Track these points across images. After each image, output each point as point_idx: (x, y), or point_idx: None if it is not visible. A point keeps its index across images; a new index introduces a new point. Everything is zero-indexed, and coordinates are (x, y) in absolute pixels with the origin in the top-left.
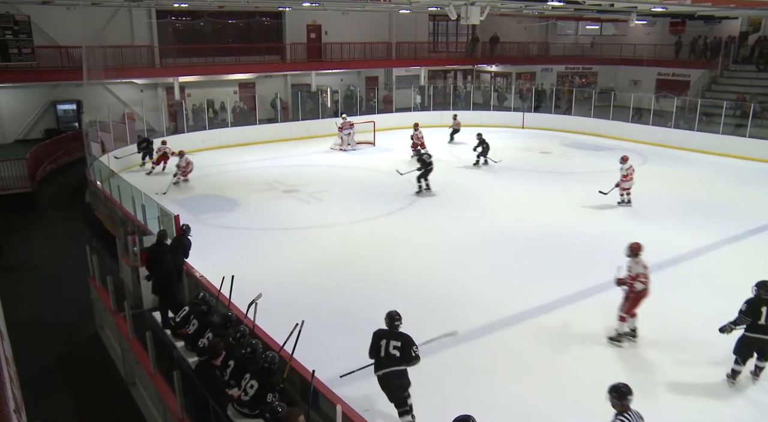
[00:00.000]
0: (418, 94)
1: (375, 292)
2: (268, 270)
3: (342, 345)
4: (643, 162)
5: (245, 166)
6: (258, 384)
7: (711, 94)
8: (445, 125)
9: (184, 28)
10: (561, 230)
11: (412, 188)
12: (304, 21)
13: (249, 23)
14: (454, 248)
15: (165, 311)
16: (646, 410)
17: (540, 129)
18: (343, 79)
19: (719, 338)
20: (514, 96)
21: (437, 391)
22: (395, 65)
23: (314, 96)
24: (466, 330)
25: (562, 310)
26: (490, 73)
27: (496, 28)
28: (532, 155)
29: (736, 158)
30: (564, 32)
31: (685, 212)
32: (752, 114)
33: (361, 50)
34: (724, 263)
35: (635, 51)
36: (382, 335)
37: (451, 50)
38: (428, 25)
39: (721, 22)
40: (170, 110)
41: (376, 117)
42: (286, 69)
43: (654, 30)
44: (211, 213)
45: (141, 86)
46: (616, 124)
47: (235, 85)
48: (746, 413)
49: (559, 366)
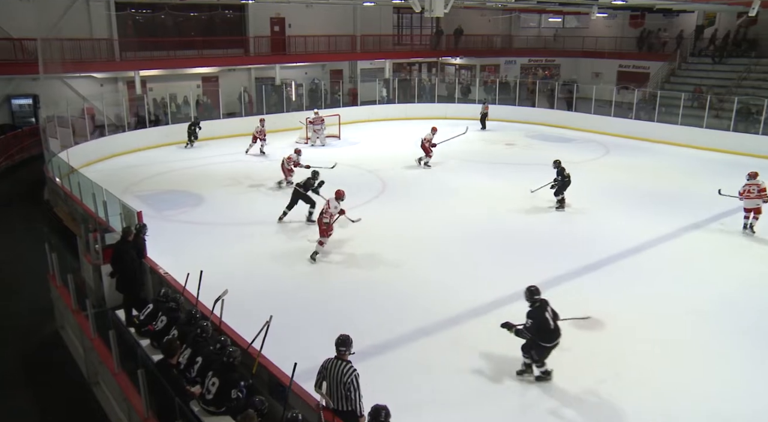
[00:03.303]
0: (383, 87)
1: (342, 285)
2: (234, 266)
3: (310, 339)
4: (605, 153)
5: (209, 161)
6: (219, 381)
7: (670, 86)
8: (410, 118)
9: (144, 21)
10: (527, 221)
11: (378, 181)
12: (267, 14)
13: (211, 16)
14: (420, 240)
15: (129, 309)
16: (605, 390)
17: (504, 121)
18: (308, 73)
19: (680, 318)
20: (478, 88)
21: (401, 386)
22: (360, 58)
23: (279, 90)
24: (432, 322)
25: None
26: (455, 66)
27: (460, 21)
28: (496, 147)
29: (694, 148)
30: (527, 25)
31: (646, 202)
32: (708, 105)
33: (325, 43)
34: (684, 250)
35: (597, 44)
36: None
37: (415, 43)
38: (393, 17)
39: (679, 15)
40: (131, 105)
41: (341, 110)
42: (250, 62)
43: (615, 23)
44: (175, 209)
45: (101, 80)
46: (578, 115)
47: (198, 79)
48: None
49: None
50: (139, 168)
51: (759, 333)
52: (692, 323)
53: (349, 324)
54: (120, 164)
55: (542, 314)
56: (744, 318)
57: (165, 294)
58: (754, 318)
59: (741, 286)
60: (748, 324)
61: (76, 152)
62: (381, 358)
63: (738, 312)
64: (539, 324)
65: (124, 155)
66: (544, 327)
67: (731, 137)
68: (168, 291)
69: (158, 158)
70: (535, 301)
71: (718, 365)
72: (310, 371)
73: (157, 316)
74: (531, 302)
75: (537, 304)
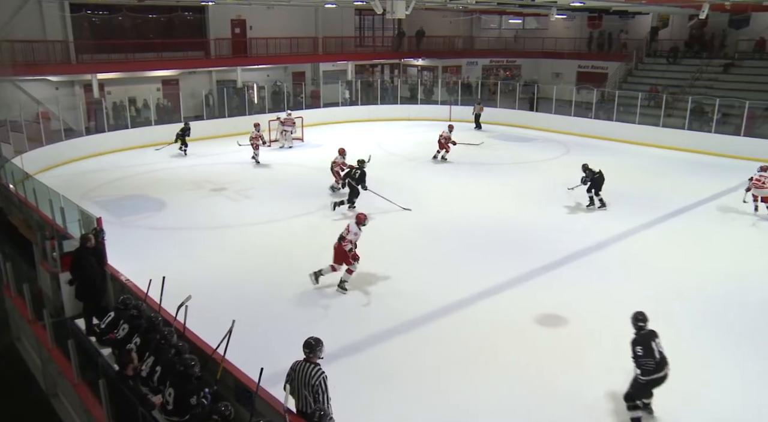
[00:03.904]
0: (345, 89)
1: (308, 288)
2: (197, 271)
3: (278, 344)
4: (566, 152)
5: (171, 165)
6: (175, 391)
7: (627, 85)
8: (373, 119)
9: (101, 23)
10: (488, 221)
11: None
12: (228, 16)
13: (171, 18)
14: (385, 242)
15: (89, 317)
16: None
17: (467, 122)
18: (270, 75)
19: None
20: (440, 89)
21: (368, 387)
22: (322, 60)
23: (240, 92)
24: (399, 322)
25: (493, 298)
26: (417, 67)
27: (422, 23)
28: (459, 147)
29: (652, 146)
30: (488, 26)
31: (607, 200)
32: (664, 105)
33: (287, 45)
34: (643, 247)
35: (556, 44)
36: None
37: (377, 44)
38: (354, 19)
39: (635, 17)
40: (89, 109)
41: (303, 112)
42: (211, 65)
43: (573, 24)
44: (136, 214)
45: (56, 83)
46: (539, 115)
47: (158, 82)
48: None
49: (492, 352)
50: (97, 173)
51: (722, 325)
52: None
53: (315, 327)
54: (78, 169)
55: (649, 342)
56: (710, 312)
57: (125, 301)
58: (720, 311)
59: (702, 281)
60: (714, 318)
61: (31, 158)
62: (349, 360)
63: (702, 307)
64: (647, 353)
65: (81, 160)
66: (650, 355)
67: (686, 136)
68: (128, 298)
69: (118, 163)
70: (641, 328)
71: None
72: (278, 375)
73: (118, 324)
74: (637, 328)
75: (644, 331)
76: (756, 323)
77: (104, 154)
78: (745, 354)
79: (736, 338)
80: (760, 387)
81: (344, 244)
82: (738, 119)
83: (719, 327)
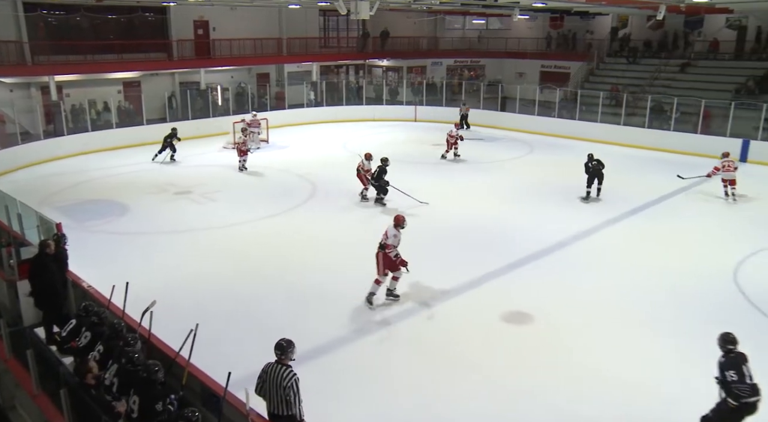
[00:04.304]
0: (310, 90)
1: (275, 291)
2: (162, 276)
3: (246, 347)
4: (530, 151)
5: (133, 168)
6: (139, 398)
7: (589, 85)
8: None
9: (58, 23)
10: (452, 219)
11: (308, 184)
12: (190, 17)
13: (131, 19)
14: (351, 242)
15: (50, 326)
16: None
17: (432, 122)
18: (234, 76)
19: (601, 307)
20: (405, 90)
21: (339, 387)
22: (286, 61)
23: (204, 94)
24: (366, 321)
25: (461, 297)
26: (382, 68)
27: (386, 23)
28: (425, 147)
29: (614, 144)
30: (452, 27)
31: (570, 198)
32: (625, 104)
33: (251, 46)
34: (606, 244)
35: (519, 45)
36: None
37: (342, 45)
38: (319, 20)
39: (595, 17)
40: (47, 111)
41: (268, 114)
42: (173, 67)
43: (536, 25)
44: (98, 219)
45: (10, 86)
46: (504, 115)
47: (119, 84)
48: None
49: (460, 350)
50: (57, 178)
51: (677, 320)
52: (627, 314)
53: (283, 329)
54: (36, 173)
55: (741, 366)
56: (663, 306)
57: (87, 308)
58: (691, 305)
59: (659, 275)
60: (669, 311)
61: None
62: (319, 361)
63: (661, 300)
64: (740, 378)
65: (40, 164)
66: (743, 381)
67: (647, 134)
68: (90, 305)
69: (78, 167)
70: (729, 351)
71: (632, 350)
72: (246, 379)
73: (80, 332)
74: (725, 351)
75: (733, 354)
76: (722, 315)
77: (64, 158)
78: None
79: (707, 333)
80: None
81: (388, 251)
82: (695, 117)
83: (688, 322)
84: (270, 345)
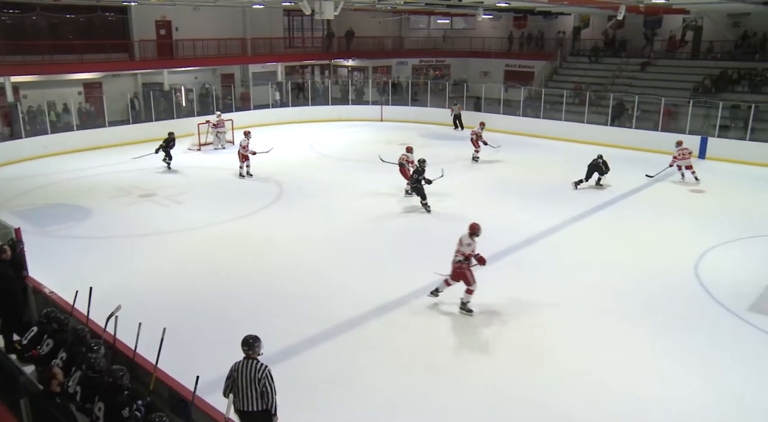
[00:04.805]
0: (276, 91)
1: (242, 293)
2: (126, 280)
3: (213, 350)
4: (496, 150)
5: (96, 171)
6: (105, 405)
7: (553, 84)
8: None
9: (13, 23)
10: (419, 219)
11: (274, 185)
12: (152, 16)
13: (91, 18)
14: (319, 242)
15: (9, 334)
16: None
17: (398, 121)
18: (198, 77)
19: (567, 304)
20: (371, 90)
21: (311, 388)
22: (251, 62)
23: (167, 95)
24: (336, 323)
25: (425, 297)
26: (347, 68)
27: (351, 23)
28: (392, 147)
29: (578, 142)
30: (417, 26)
31: (534, 195)
32: (588, 102)
33: (215, 47)
34: (570, 241)
35: (484, 44)
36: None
37: (307, 45)
38: (283, 20)
39: (558, 17)
40: (3, 113)
41: (233, 115)
42: (136, 67)
43: (500, 24)
44: (60, 224)
45: None
46: (469, 114)
47: (79, 85)
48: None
49: (428, 351)
50: (15, 182)
51: (648, 313)
52: (595, 312)
53: (252, 332)
54: None
55: None
56: (629, 300)
57: (48, 315)
58: (642, 300)
59: (625, 271)
60: (638, 305)
61: None
62: (286, 364)
63: (632, 294)
64: None
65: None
66: None
67: (609, 131)
68: (52, 311)
69: (38, 170)
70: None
71: (604, 345)
72: (214, 383)
73: (42, 339)
74: None
75: None
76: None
77: (22, 161)
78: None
79: (679, 328)
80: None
81: (463, 262)
82: (655, 114)
83: (655, 317)
84: (237, 347)
